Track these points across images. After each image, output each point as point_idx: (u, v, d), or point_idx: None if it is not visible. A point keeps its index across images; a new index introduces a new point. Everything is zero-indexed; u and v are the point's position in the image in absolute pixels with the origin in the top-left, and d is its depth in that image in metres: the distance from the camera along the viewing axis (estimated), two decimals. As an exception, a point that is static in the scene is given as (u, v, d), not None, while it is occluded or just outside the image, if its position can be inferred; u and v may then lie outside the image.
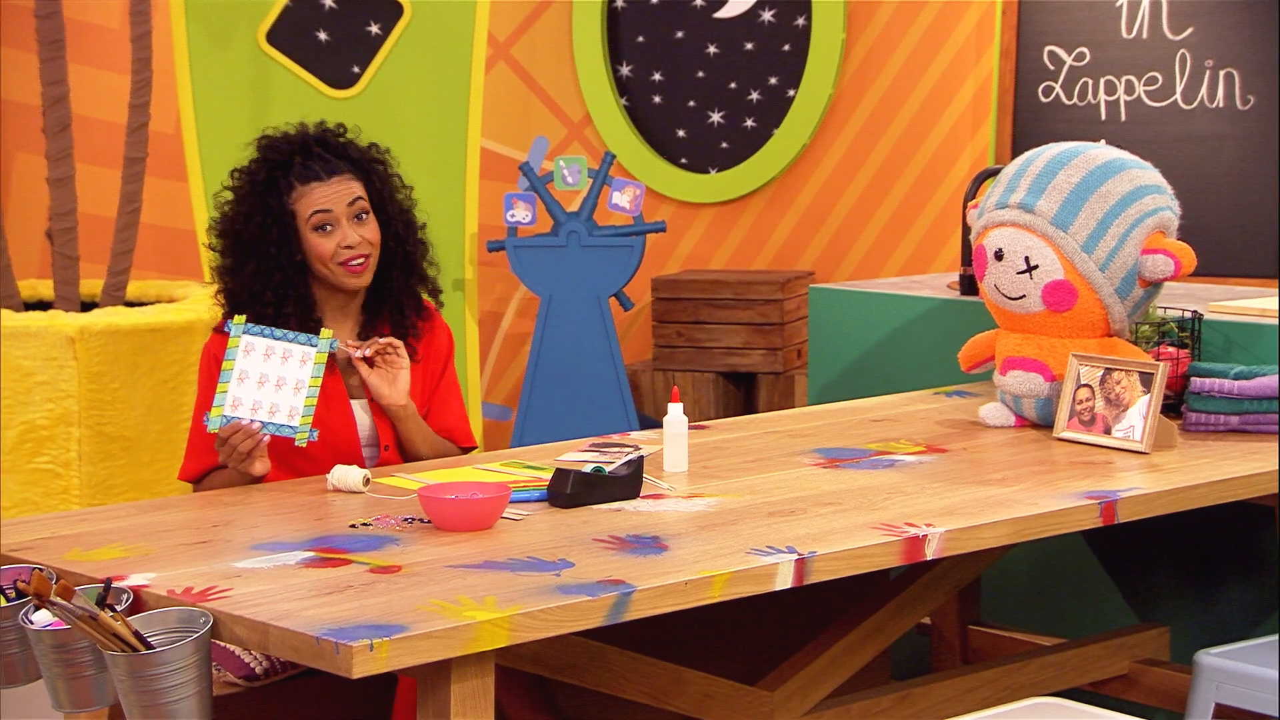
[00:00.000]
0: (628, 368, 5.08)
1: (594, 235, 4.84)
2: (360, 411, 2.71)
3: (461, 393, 2.85)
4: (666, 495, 2.48)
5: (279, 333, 2.56)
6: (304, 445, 2.56)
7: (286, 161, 2.69)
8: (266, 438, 2.54)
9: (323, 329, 2.61)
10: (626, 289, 4.91)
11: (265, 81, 4.64)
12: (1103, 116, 4.51)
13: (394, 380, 2.66)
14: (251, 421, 2.52)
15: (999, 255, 2.90)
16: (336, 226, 2.66)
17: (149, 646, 1.94)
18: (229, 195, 2.72)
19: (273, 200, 2.66)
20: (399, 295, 2.74)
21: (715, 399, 5.04)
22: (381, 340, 2.65)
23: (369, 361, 2.65)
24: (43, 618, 2.03)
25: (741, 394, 5.10)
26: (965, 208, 3.23)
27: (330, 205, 2.66)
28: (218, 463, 2.62)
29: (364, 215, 2.69)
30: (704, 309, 5.02)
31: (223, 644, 2.03)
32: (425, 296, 2.79)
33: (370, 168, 2.72)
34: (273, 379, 2.53)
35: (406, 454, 2.73)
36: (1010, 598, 3.41)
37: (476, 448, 2.81)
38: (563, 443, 2.82)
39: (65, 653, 2.02)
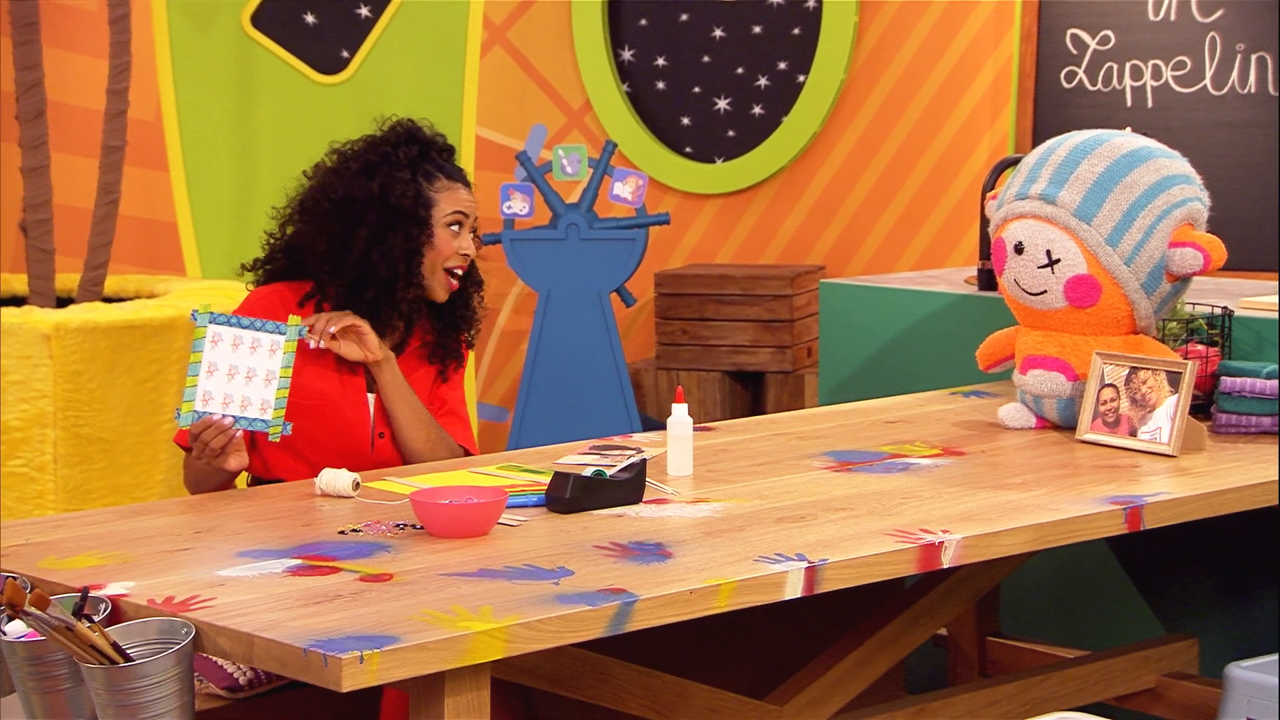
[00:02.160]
0: (630, 366, 5.08)
1: (594, 228, 4.85)
2: (370, 398, 2.76)
3: (465, 405, 2.88)
4: (670, 500, 2.48)
5: (246, 321, 2.57)
6: (277, 440, 2.57)
7: (427, 147, 2.76)
8: (239, 433, 2.55)
9: (291, 315, 2.62)
10: (628, 284, 4.92)
11: (249, 67, 4.64)
12: (1128, 103, 4.51)
13: (361, 339, 2.69)
14: (223, 417, 2.53)
15: (1019, 249, 2.90)
16: (462, 233, 2.75)
17: (128, 659, 1.94)
18: (341, 164, 2.74)
19: (419, 178, 2.72)
20: (455, 328, 2.81)
21: (721, 399, 5.04)
22: (333, 329, 2.67)
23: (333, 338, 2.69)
24: (16, 629, 2.03)
25: (749, 394, 5.10)
26: (983, 199, 3.23)
27: (469, 211, 2.77)
28: None
29: (474, 234, 2.80)
30: (709, 305, 5.03)
31: (205, 655, 2.03)
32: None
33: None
34: (242, 370, 2.54)
35: (390, 418, 2.74)
36: (1031, 608, 3.41)
37: (475, 454, 2.83)
38: (562, 445, 2.82)
39: (40, 665, 2.02)
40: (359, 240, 2.69)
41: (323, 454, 2.68)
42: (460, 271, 2.76)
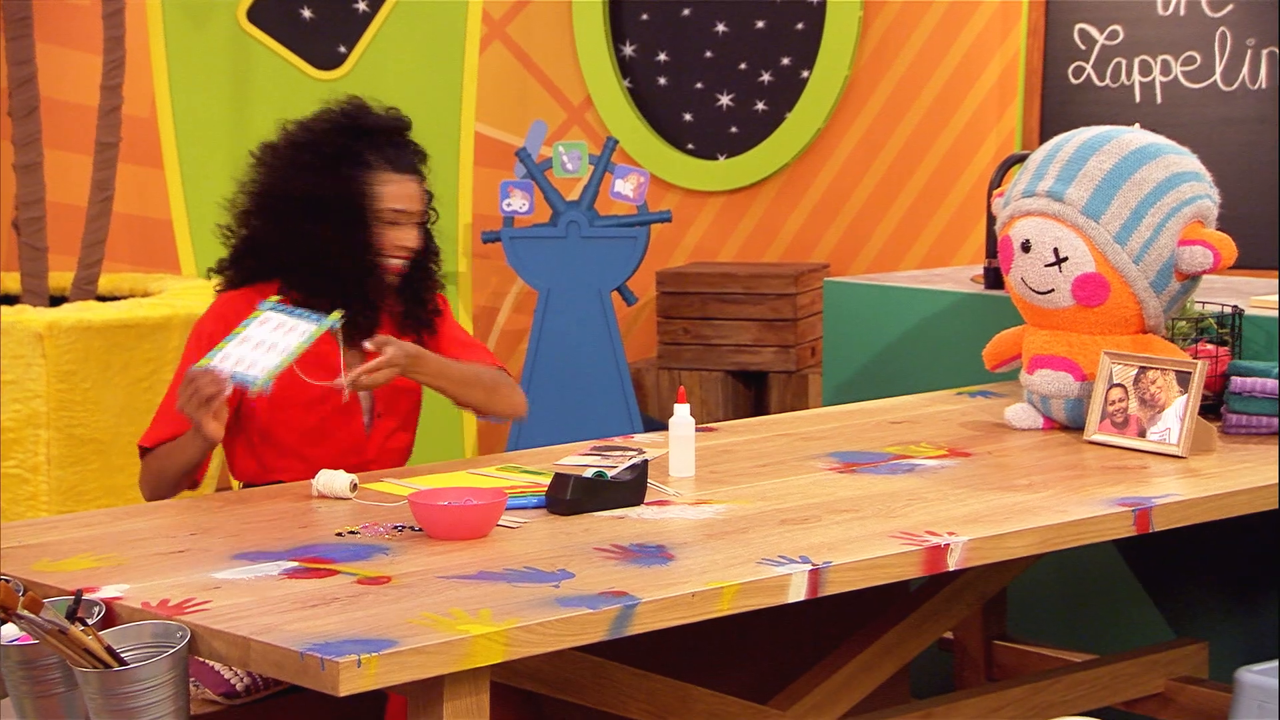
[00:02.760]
0: (631, 366, 5.08)
1: (595, 225, 4.84)
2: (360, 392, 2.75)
3: (468, 333, 2.90)
4: (672, 501, 2.48)
5: (300, 312, 2.59)
6: (254, 396, 2.56)
7: (374, 137, 2.74)
8: (228, 391, 2.54)
9: (335, 311, 2.64)
10: (630, 282, 4.92)
11: (245, 62, 4.64)
12: (1137, 99, 4.51)
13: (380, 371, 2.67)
14: (221, 371, 2.53)
15: (1026, 247, 2.90)
16: (403, 228, 2.75)
17: (122, 663, 1.94)
18: (286, 155, 2.74)
19: (358, 173, 2.72)
20: (421, 300, 2.80)
21: (723, 399, 5.04)
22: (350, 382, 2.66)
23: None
24: (9, 632, 2.04)
25: (751, 394, 5.10)
26: (990, 196, 3.23)
27: (410, 207, 2.76)
28: (176, 433, 2.65)
29: (420, 224, 2.79)
30: (712, 304, 5.03)
31: (201, 659, 2.03)
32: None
33: (424, 175, 2.81)
34: (266, 344, 2.56)
35: (450, 396, 2.75)
36: (1038, 611, 3.41)
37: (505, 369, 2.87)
38: (562, 445, 2.82)
39: (33, 669, 2.02)
40: (311, 237, 2.69)
41: (319, 449, 2.68)
42: (399, 261, 2.75)
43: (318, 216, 2.70)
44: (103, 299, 4.33)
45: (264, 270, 2.74)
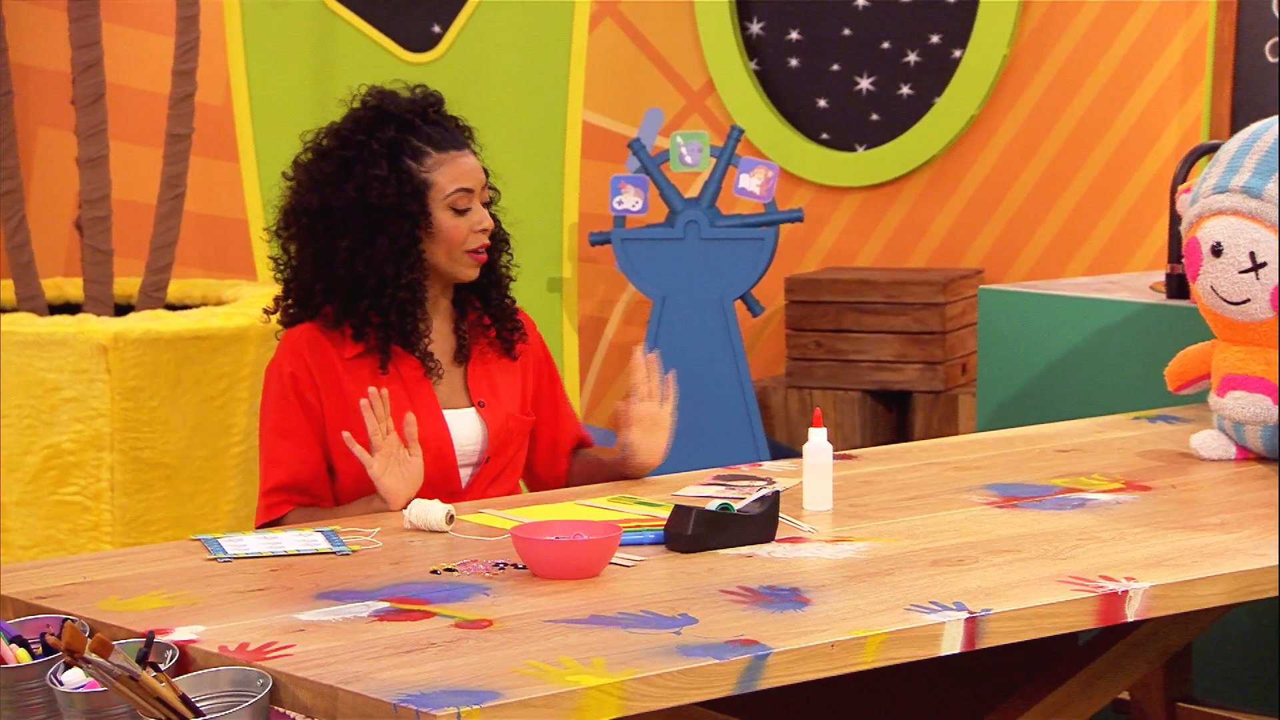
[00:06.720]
0: (756, 384, 5.09)
1: (717, 226, 4.86)
2: (462, 421, 2.76)
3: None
4: (807, 538, 2.48)
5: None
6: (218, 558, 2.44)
7: (409, 120, 2.73)
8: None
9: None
10: (755, 290, 4.92)
11: (329, 44, 4.71)
12: (1344, 80, 4.43)
13: (657, 446, 2.79)
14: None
15: (1217, 250, 2.87)
16: (472, 208, 2.74)
17: (198, 713, 1.98)
18: (315, 166, 2.73)
19: (404, 164, 2.71)
20: (500, 287, 2.82)
21: (861, 423, 5.02)
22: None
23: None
24: (74, 677, 2.08)
25: (893, 417, 5.08)
26: (1174, 193, 3.19)
27: (473, 184, 2.74)
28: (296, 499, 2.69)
29: (489, 198, 2.79)
30: (848, 314, 5.01)
31: (283, 710, 2.06)
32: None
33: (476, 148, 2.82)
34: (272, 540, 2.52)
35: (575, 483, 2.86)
36: (1228, 670, 3.36)
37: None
38: (681, 474, 2.83)
39: (100, 718, 2.06)
40: (341, 252, 2.67)
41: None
42: (484, 249, 2.74)
43: (352, 226, 2.66)
44: (172, 307, 4.41)
45: (316, 302, 2.72)
